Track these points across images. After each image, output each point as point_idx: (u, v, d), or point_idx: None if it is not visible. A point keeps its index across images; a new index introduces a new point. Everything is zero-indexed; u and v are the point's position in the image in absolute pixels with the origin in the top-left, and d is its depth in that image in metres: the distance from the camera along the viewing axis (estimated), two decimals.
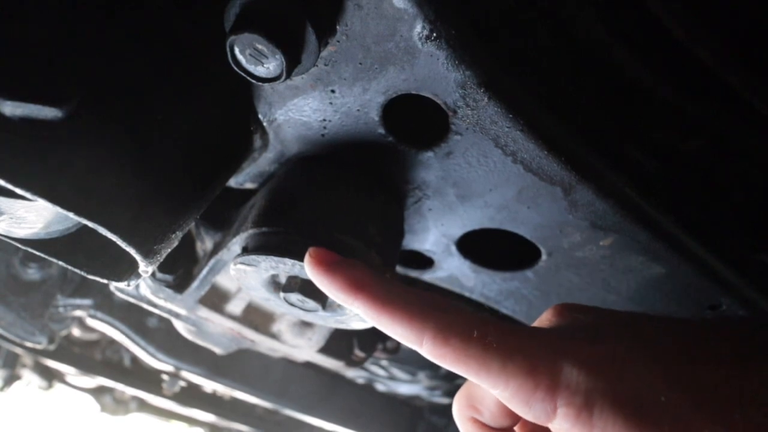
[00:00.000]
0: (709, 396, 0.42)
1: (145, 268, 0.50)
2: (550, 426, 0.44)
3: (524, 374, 0.43)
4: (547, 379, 0.43)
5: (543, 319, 0.51)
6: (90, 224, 0.43)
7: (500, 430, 0.53)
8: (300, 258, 0.56)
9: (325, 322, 0.69)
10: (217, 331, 0.96)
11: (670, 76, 0.55)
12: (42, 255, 0.54)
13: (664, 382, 0.42)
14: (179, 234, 0.53)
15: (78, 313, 1.45)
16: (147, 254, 0.48)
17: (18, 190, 0.40)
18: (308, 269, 0.52)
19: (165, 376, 2.02)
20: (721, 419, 0.40)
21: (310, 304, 0.62)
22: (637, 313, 0.54)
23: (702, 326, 0.48)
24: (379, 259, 0.60)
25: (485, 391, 0.50)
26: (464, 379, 0.51)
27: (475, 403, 0.52)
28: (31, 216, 0.49)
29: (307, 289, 0.61)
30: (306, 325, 0.94)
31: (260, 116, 0.59)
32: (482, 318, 0.47)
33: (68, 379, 2.20)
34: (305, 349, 0.97)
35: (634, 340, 0.46)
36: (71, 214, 0.42)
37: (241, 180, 0.71)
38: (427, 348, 0.46)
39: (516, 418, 0.52)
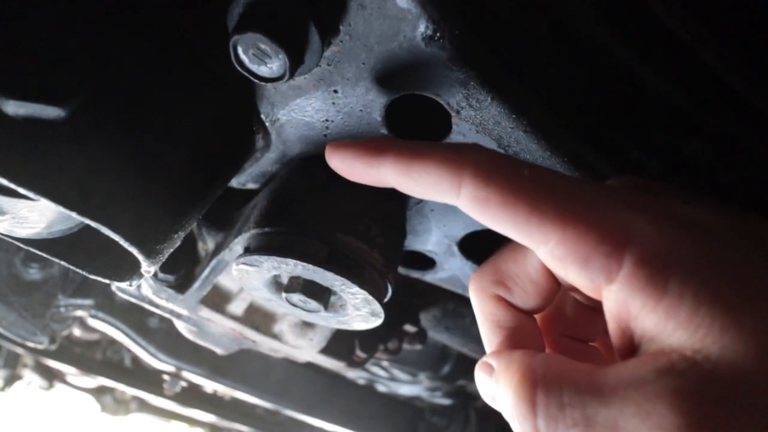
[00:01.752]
0: None
1: (147, 268, 0.50)
2: (605, 292, 0.36)
3: (587, 222, 0.35)
4: (617, 230, 0.35)
5: (612, 181, 0.43)
6: (92, 224, 0.43)
7: (525, 312, 0.45)
8: (302, 258, 0.56)
9: (327, 322, 0.69)
10: (219, 332, 0.96)
11: (672, 76, 0.55)
12: (44, 255, 0.54)
13: (755, 261, 0.34)
14: (181, 234, 0.53)
15: (79, 313, 1.45)
16: (149, 254, 0.48)
17: (21, 190, 0.40)
18: (330, 158, 0.44)
19: (166, 377, 2.02)
20: None
21: (312, 304, 0.62)
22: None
23: None
24: (381, 260, 0.60)
25: (520, 264, 0.43)
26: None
27: (505, 279, 0.44)
28: (34, 216, 0.48)
29: (309, 289, 0.61)
30: (307, 325, 0.94)
31: (262, 116, 0.59)
32: (535, 163, 0.39)
33: (69, 379, 2.20)
34: (306, 350, 0.97)
35: (722, 212, 0.37)
36: (74, 214, 0.42)
37: (243, 180, 0.71)
38: (466, 192, 0.37)
39: (548, 300, 0.45)
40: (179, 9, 0.51)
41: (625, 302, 0.35)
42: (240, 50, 0.44)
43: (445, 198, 0.39)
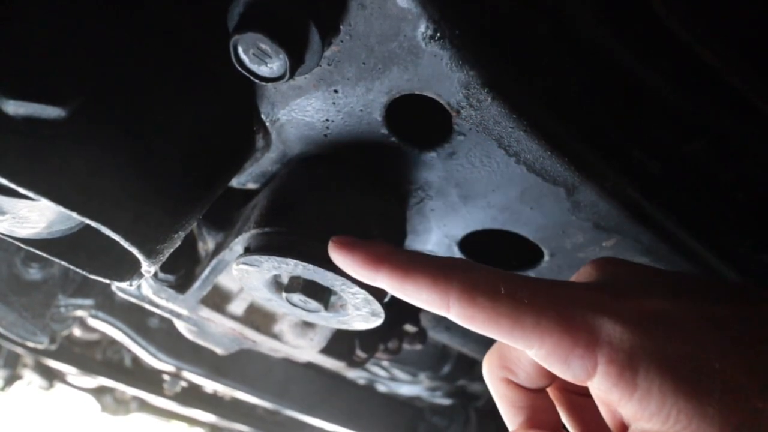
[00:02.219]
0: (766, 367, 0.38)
1: (147, 267, 0.50)
2: (589, 385, 0.41)
3: (561, 330, 0.40)
4: (587, 334, 0.40)
5: (581, 273, 0.47)
6: (93, 224, 0.43)
7: (535, 390, 0.50)
8: (302, 258, 0.56)
9: (327, 322, 0.69)
10: (219, 332, 0.96)
11: (673, 76, 0.55)
12: (44, 255, 0.54)
13: (719, 348, 0.38)
14: (182, 234, 0.53)
15: (79, 313, 1.45)
16: (149, 254, 0.48)
17: (21, 190, 0.40)
18: (332, 254, 0.50)
19: (166, 377, 2.02)
20: None
21: (313, 304, 0.62)
22: (686, 273, 0.51)
23: (761, 295, 0.43)
24: None
25: (520, 350, 0.47)
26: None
27: (509, 364, 0.49)
28: (34, 215, 0.48)
29: (310, 289, 0.61)
30: (307, 325, 0.94)
31: (263, 116, 0.59)
32: (510, 274, 0.44)
33: (69, 379, 2.20)
34: (307, 350, 0.96)
35: (686, 300, 0.42)
36: (74, 214, 0.42)
37: (243, 180, 0.71)
38: (454, 310, 0.43)
39: (552, 378, 0.49)
40: (180, 9, 0.51)
41: (606, 393, 0.40)
42: (240, 50, 0.44)
43: (437, 312, 0.44)
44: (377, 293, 0.59)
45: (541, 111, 0.50)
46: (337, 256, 0.50)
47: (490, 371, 0.51)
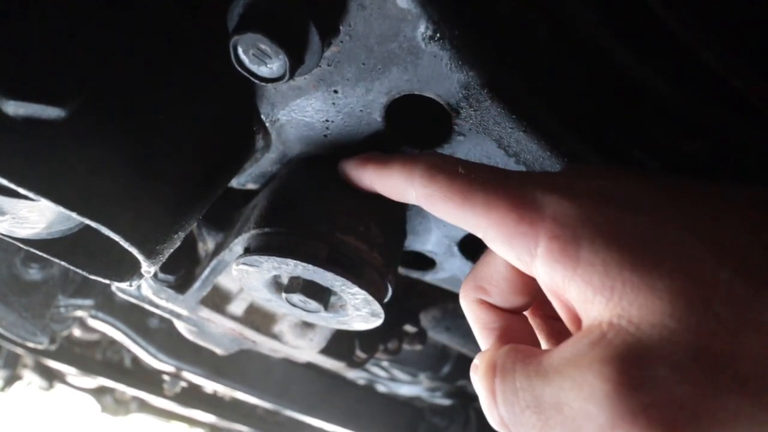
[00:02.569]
0: (728, 241, 0.34)
1: (147, 268, 0.50)
2: (534, 272, 0.39)
3: (507, 206, 0.39)
4: (532, 209, 0.38)
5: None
6: (92, 224, 0.43)
7: (511, 311, 0.48)
8: (302, 258, 0.56)
9: (327, 323, 0.69)
10: (219, 332, 0.96)
11: (672, 76, 0.55)
12: (44, 255, 0.54)
13: (674, 221, 0.36)
14: (181, 234, 0.53)
15: (79, 313, 1.45)
16: (149, 254, 0.48)
17: (21, 190, 0.40)
18: (340, 171, 0.56)
19: (166, 377, 2.02)
20: (742, 267, 0.33)
21: (312, 305, 0.62)
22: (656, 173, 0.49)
23: (724, 185, 0.40)
24: (381, 260, 0.60)
25: (493, 267, 0.47)
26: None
27: (482, 283, 0.48)
28: (34, 216, 0.48)
29: (309, 289, 0.61)
30: (307, 326, 0.94)
31: (262, 116, 0.59)
32: (473, 162, 0.45)
33: (69, 379, 2.20)
34: (306, 350, 0.97)
35: (644, 180, 0.40)
36: (74, 214, 0.42)
37: (243, 180, 0.71)
38: (417, 190, 0.44)
39: (527, 297, 0.47)
40: (179, 9, 0.51)
41: (549, 276, 0.37)
42: (240, 50, 0.44)
43: (406, 198, 0.47)
44: (377, 293, 0.59)
45: (540, 111, 0.50)
46: (343, 173, 0.55)
47: (465, 295, 0.50)
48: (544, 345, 0.50)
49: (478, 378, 0.42)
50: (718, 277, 0.33)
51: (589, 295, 0.35)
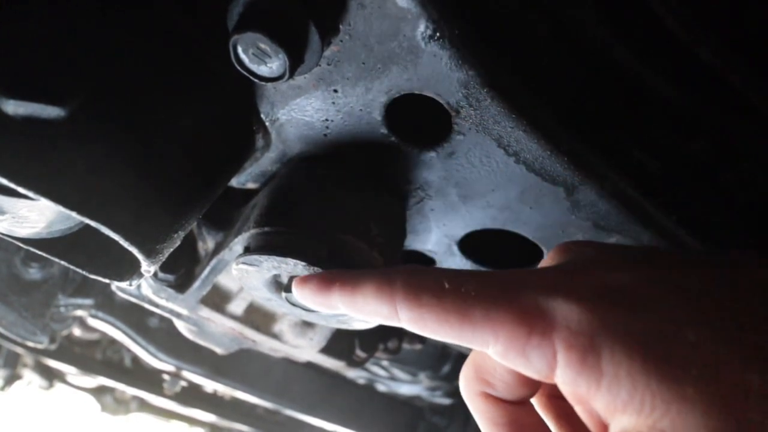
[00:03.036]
0: (749, 337, 0.32)
1: (147, 267, 0.50)
2: (556, 380, 0.36)
3: (512, 320, 0.36)
4: (541, 320, 0.36)
5: (545, 261, 0.44)
6: (92, 223, 0.43)
7: (517, 403, 0.45)
8: (302, 258, 0.56)
9: (327, 322, 0.69)
10: (219, 331, 0.96)
11: (673, 76, 0.55)
12: (44, 254, 0.54)
13: (691, 319, 0.34)
14: (181, 233, 0.53)
15: (79, 312, 1.45)
16: (149, 254, 0.48)
17: (20, 189, 0.40)
18: (296, 293, 0.51)
19: (166, 376, 2.02)
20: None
21: None
22: (653, 247, 0.46)
23: (730, 259, 0.39)
24: (381, 259, 0.60)
25: (494, 360, 0.43)
26: None
27: (485, 375, 0.45)
28: (33, 215, 0.48)
29: None
30: (307, 325, 0.94)
31: (262, 116, 0.59)
32: (457, 270, 0.41)
33: (69, 378, 2.20)
34: (306, 350, 0.97)
35: (651, 271, 0.37)
36: (74, 213, 0.42)
37: (243, 180, 0.71)
38: (402, 315, 0.40)
39: (533, 386, 0.44)
40: (179, 9, 0.51)
41: (573, 386, 0.35)
42: (240, 50, 0.44)
43: (391, 322, 0.42)
44: None
45: (540, 111, 0.50)
46: (298, 293, 0.50)
47: (466, 386, 0.47)
48: (552, 426, 0.47)
49: None
50: (749, 380, 0.31)
51: (619, 407, 0.33)
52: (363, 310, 0.44)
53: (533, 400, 0.47)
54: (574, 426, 0.46)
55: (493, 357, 0.38)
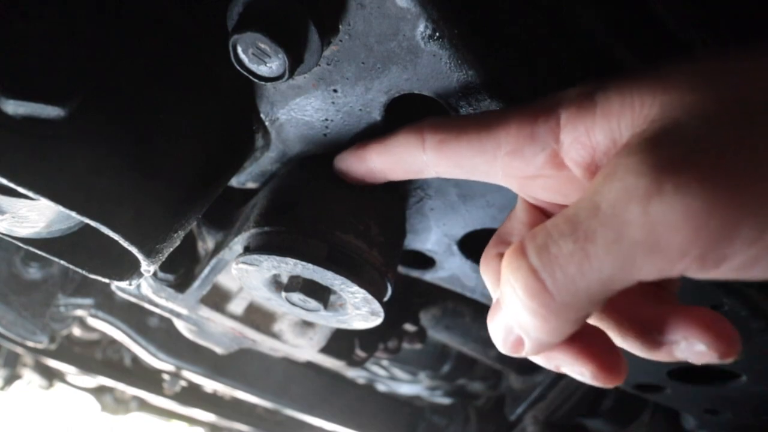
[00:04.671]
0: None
1: (147, 267, 0.50)
2: (560, 153, 0.40)
3: (522, 113, 0.41)
4: (547, 105, 0.40)
5: None
6: (92, 223, 0.43)
7: None
8: (302, 257, 0.56)
9: (327, 321, 0.69)
10: (219, 331, 0.96)
11: None
12: (44, 254, 0.54)
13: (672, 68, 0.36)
14: (181, 233, 0.53)
15: (79, 312, 1.45)
16: (149, 253, 0.48)
17: (20, 189, 0.40)
18: (338, 169, 0.56)
19: (166, 376, 2.02)
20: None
21: (312, 303, 0.62)
22: None
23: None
24: (381, 259, 0.60)
25: (511, 219, 0.48)
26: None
27: (503, 237, 0.48)
28: (33, 215, 0.48)
29: (309, 288, 0.61)
30: (307, 324, 0.94)
31: (262, 115, 0.59)
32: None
33: (69, 378, 2.20)
34: (306, 349, 0.97)
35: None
36: (73, 213, 0.42)
37: (242, 179, 0.71)
38: (428, 142, 0.45)
39: None
40: (179, 8, 0.51)
41: (574, 134, 0.38)
42: (239, 50, 0.44)
43: (415, 159, 0.46)
44: (376, 292, 0.60)
45: None
46: (337, 165, 0.55)
47: (486, 255, 0.48)
48: None
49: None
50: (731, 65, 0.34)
51: (614, 125, 0.36)
52: (394, 152, 0.48)
53: None
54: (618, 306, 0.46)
55: (504, 163, 0.42)
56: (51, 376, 2.16)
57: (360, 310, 0.63)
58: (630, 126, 0.35)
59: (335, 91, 0.52)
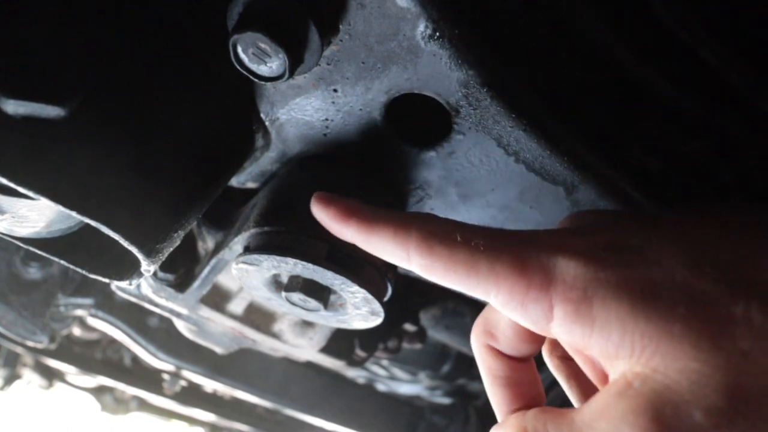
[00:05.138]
0: (737, 272, 0.35)
1: (147, 267, 0.50)
2: (552, 332, 0.39)
3: (515, 273, 0.39)
4: (541, 274, 0.38)
5: (557, 226, 0.47)
6: (92, 223, 0.43)
7: (518, 359, 0.49)
8: (302, 257, 0.56)
9: (327, 321, 0.69)
10: (219, 331, 0.96)
11: (672, 75, 0.55)
12: (44, 254, 0.54)
13: (678, 262, 0.36)
14: (181, 233, 0.53)
15: (79, 312, 1.45)
16: (149, 253, 0.48)
17: (20, 189, 0.40)
18: (312, 209, 0.52)
19: (165, 376, 2.02)
20: (755, 295, 0.33)
21: (312, 303, 0.62)
22: (658, 212, 0.49)
23: (721, 208, 0.42)
24: (380, 259, 0.60)
25: (500, 314, 0.47)
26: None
27: (491, 328, 0.48)
28: (33, 215, 0.48)
29: (309, 288, 0.61)
30: (307, 324, 0.94)
31: (262, 115, 0.59)
32: (468, 224, 0.44)
33: (69, 378, 2.20)
34: (306, 349, 0.97)
35: (649, 228, 0.40)
36: (73, 213, 0.42)
37: (243, 179, 0.71)
38: (414, 261, 0.43)
39: (534, 345, 0.48)
40: (180, 8, 0.51)
41: (569, 336, 0.38)
42: (240, 49, 0.44)
43: (401, 264, 0.45)
44: (376, 292, 0.60)
45: (540, 110, 0.50)
46: (316, 211, 0.51)
47: (475, 337, 0.50)
48: (563, 384, 0.50)
49: None
50: (735, 311, 0.33)
51: (611, 351, 0.35)
52: (377, 249, 0.46)
53: (548, 361, 0.51)
54: (583, 385, 0.49)
55: (495, 307, 0.41)
56: (51, 375, 2.16)
57: (360, 309, 0.63)
58: (628, 359, 0.35)
59: (335, 90, 0.52)
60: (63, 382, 2.23)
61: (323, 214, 0.50)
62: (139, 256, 0.48)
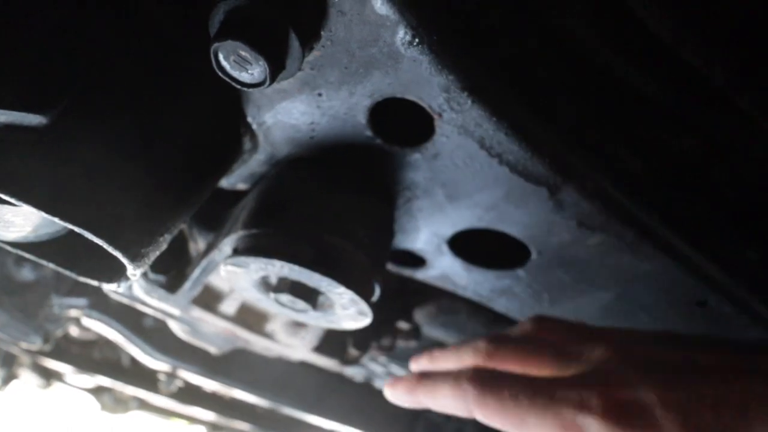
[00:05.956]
0: None
1: (132, 271, 0.50)
2: None
3: (554, 426, 0.49)
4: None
5: (516, 328, 0.59)
6: (75, 228, 0.44)
7: None
8: (288, 259, 0.56)
9: (317, 322, 0.70)
10: (212, 331, 0.96)
11: (656, 75, 0.56)
12: (32, 258, 0.54)
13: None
14: (168, 237, 0.53)
15: (73, 312, 1.45)
16: (134, 258, 0.48)
17: (1, 195, 0.40)
18: (386, 394, 0.66)
19: (161, 376, 2.02)
20: None
21: (301, 304, 0.63)
22: (646, 336, 0.57)
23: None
24: (367, 260, 0.60)
25: None
26: None
27: None
28: (19, 220, 0.49)
29: (297, 289, 0.62)
30: (300, 324, 0.95)
31: (249, 119, 0.59)
32: (512, 377, 0.54)
33: (67, 378, 2.20)
34: (299, 349, 0.97)
35: (668, 382, 0.48)
36: (56, 219, 0.42)
37: (232, 181, 0.71)
38: (476, 414, 0.54)
39: None
40: (165, 13, 0.51)
41: None
42: (221, 57, 0.44)
43: (462, 415, 0.56)
44: (363, 293, 0.60)
45: (521, 112, 0.51)
46: (389, 394, 0.65)
47: None
48: None
49: None
50: None
51: None
52: (445, 408, 0.58)
53: None
54: None
55: None
56: (48, 376, 2.16)
57: (348, 310, 0.63)
58: None
59: (320, 95, 0.53)
60: (61, 382, 2.23)
61: (396, 393, 0.63)
62: (124, 260, 0.48)
